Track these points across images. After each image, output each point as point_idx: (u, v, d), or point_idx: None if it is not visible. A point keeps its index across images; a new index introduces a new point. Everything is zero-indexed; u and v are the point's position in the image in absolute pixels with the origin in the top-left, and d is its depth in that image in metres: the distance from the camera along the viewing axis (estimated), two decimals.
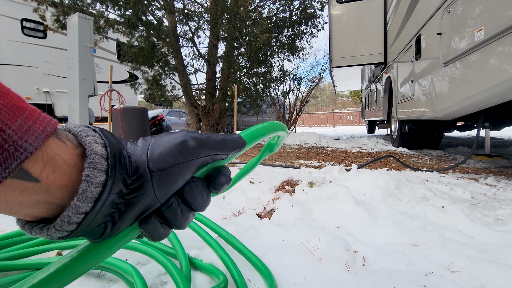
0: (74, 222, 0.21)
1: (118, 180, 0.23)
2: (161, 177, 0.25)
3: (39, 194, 0.20)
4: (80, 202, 0.21)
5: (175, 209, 0.27)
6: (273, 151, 0.54)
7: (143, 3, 5.53)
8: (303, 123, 21.90)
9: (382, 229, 0.97)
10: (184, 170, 0.26)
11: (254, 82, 7.08)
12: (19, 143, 0.18)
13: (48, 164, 0.20)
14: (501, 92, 1.64)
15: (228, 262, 0.72)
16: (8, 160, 0.17)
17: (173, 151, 0.26)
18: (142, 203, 0.25)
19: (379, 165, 2.55)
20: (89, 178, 0.21)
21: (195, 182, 0.28)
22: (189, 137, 0.27)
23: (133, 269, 0.66)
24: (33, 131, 0.19)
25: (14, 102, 0.18)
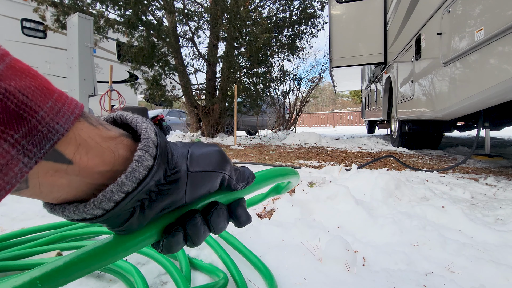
0: (114, 200, 0.22)
1: (161, 169, 0.25)
2: (195, 178, 0.28)
3: (71, 175, 0.21)
4: (127, 180, 0.22)
5: (200, 227, 0.29)
6: (280, 193, 0.54)
7: (143, 3, 5.53)
8: (303, 123, 21.90)
9: (382, 229, 0.97)
10: (213, 177, 0.29)
11: (254, 82, 7.07)
12: (51, 124, 0.18)
13: (81, 147, 0.21)
14: (501, 92, 1.64)
15: (228, 262, 0.72)
16: (42, 141, 0.18)
17: (211, 159, 0.29)
18: (172, 197, 0.27)
19: (379, 165, 2.55)
20: (140, 159, 0.23)
21: (222, 210, 0.31)
22: (222, 152, 0.31)
23: (133, 268, 0.66)
24: (63, 113, 0.19)
25: (44, 84, 0.19)
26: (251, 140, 6.75)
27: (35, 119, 0.18)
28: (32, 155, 0.18)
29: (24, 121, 0.17)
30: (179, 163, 0.27)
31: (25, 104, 0.17)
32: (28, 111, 0.17)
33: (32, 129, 0.17)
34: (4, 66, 0.17)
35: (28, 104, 0.17)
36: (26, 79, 0.18)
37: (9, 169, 0.17)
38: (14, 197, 1.49)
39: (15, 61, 0.18)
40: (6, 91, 0.16)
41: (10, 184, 0.17)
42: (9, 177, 0.17)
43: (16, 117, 0.17)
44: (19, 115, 0.17)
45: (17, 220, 1.15)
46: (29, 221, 1.16)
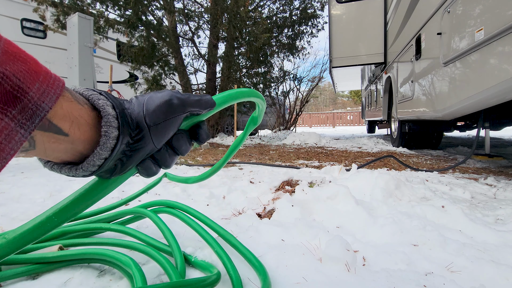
0: (97, 164, 0.29)
1: (126, 134, 0.30)
2: (157, 130, 0.33)
3: (67, 144, 0.27)
4: (102, 151, 0.29)
5: (164, 153, 0.36)
6: (257, 123, 0.58)
7: (143, 3, 5.53)
8: (303, 123, 21.90)
9: (382, 229, 0.97)
10: (173, 123, 0.34)
11: (254, 82, 7.07)
12: (38, 103, 0.22)
13: (74, 123, 0.27)
14: (501, 92, 1.64)
15: (223, 257, 0.72)
16: (33, 116, 0.22)
17: (163, 109, 0.33)
18: (144, 149, 0.33)
19: (379, 165, 2.55)
20: (107, 133, 0.29)
21: (181, 134, 0.36)
22: (174, 97, 0.34)
23: (132, 262, 0.67)
24: (47, 93, 0.23)
25: (33, 67, 0.23)
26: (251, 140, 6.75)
27: (26, 99, 0.22)
28: (27, 127, 0.22)
29: (18, 100, 0.21)
30: (140, 122, 0.32)
31: (18, 86, 0.21)
32: (21, 92, 0.21)
33: (24, 106, 0.22)
34: (0, 52, 0.20)
35: (20, 86, 0.21)
36: (18, 63, 0.21)
37: (12, 138, 0.21)
38: (14, 197, 1.50)
39: (7, 45, 0.21)
40: (4, 75, 0.20)
41: (13, 150, 0.22)
42: (12, 144, 0.22)
43: (12, 97, 0.21)
44: (14, 95, 0.21)
45: (17, 220, 1.15)
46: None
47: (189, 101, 0.36)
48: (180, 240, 0.91)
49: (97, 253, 0.74)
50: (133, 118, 0.32)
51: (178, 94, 0.35)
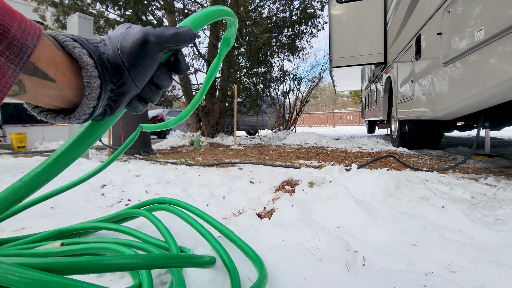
0: (87, 113, 0.30)
1: (108, 81, 0.31)
2: (136, 72, 0.33)
3: (56, 90, 0.28)
4: (88, 101, 0.30)
5: (148, 91, 0.37)
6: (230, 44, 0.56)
7: (143, 3, 5.53)
8: (303, 123, 21.90)
9: (382, 229, 0.97)
10: (152, 62, 0.34)
11: (254, 82, 7.07)
12: (22, 41, 0.22)
13: (58, 69, 0.27)
14: (501, 92, 1.64)
15: (220, 251, 0.74)
16: (20, 53, 0.22)
17: (140, 50, 0.32)
18: (128, 92, 0.34)
19: (379, 165, 2.55)
20: (89, 83, 0.29)
21: (160, 70, 0.36)
22: (149, 35, 0.33)
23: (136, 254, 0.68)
24: (28, 32, 0.23)
25: (7, 7, 0.22)
26: (251, 140, 6.75)
27: (10, 36, 0.21)
28: (16, 63, 0.22)
29: (2, 36, 0.21)
30: (118, 66, 0.32)
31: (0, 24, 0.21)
32: (3, 28, 0.21)
33: (10, 43, 0.22)
34: None
35: (1, 23, 0.21)
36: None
37: (4, 72, 0.21)
38: None
39: None
40: None
41: (8, 83, 0.22)
42: (6, 78, 0.21)
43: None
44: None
45: (17, 220, 1.15)
46: (29, 221, 1.16)
47: (165, 36, 0.34)
48: (180, 240, 0.91)
49: (100, 247, 0.75)
50: (112, 63, 0.31)
51: (152, 30, 0.34)
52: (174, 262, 0.51)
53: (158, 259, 0.48)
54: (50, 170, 0.32)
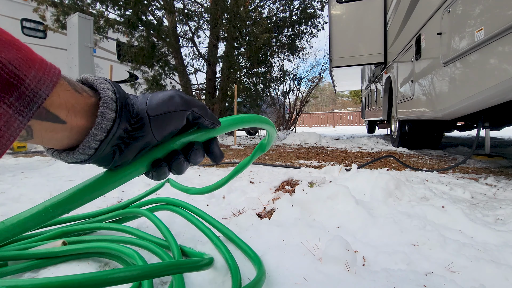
0: (93, 147, 0.29)
1: (124, 119, 0.30)
2: (157, 121, 0.33)
3: (65, 132, 0.27)
4: (97, 131, 0.28)
5: (182, 163, 0.37)
6: (264, 150, 0.57)
7: (143, 3, 5.53)
8: (303, 123, 21.90)
9: (382, 229, 0.97)
10: (174, 117, 0.34)
11: (254, 82, 7.07)
12: (35, 90, 0.23)
13: (70, 111, 0.27)
14: (501, 92, 1.64)
15: (222, 248, 0.75)
16: (30, 104, 0.22)
17: (166, 103, 0.34)
18: (142, 139, 0.33)
19: (379, 165, 2.55)
20: (103, 114, 0.29)
21: (199, 149, 0.38)
22: (177, 94, 0.35)
23: (135, 253, 0.70)
24: (44, 81, 0.23)
25: (28, 55, 0.23)
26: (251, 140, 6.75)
27: (23, 86, 0.22)
28: (25, 114, 0.22)
29: (15, 87, 0.21)
30: (140, 111, 0.32)
31: (14, 74, 0.21)
32: (17, 79, 0.21)
33: (21, 94, 0.22)
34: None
35: (16, 74, 0.21)
36: (12, 50, 0.21)
37: (10, 124, 0.21)
38: (14, 197, 1.49)
39: (1, 33, 0.21)
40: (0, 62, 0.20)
41: (12, 137, 0.22)
42: (11, 131, 0.22)
43: (9, 85, 0.21)
44: (11, 83, 0.21)
45: None
46: None
47: (193, 101, 0.36)
48: (180, 239, 0.91)
49: (101, 246, 0.75)
50: (134, 107, 0.32)
51: (182, 93, 0.36)
52: (172, 270, 0.52)
53: (156, 268, 0.49)
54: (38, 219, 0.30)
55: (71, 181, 1.90)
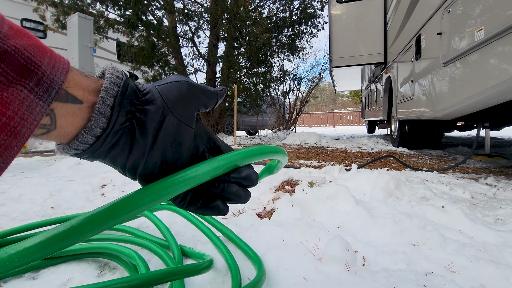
0: (103, 113, 0.27)
1: (131, 92, 0.30)
2: (165, 89, 0.32)
3: (82, 113, 0.27)
4: (104, 96, 0.27)
5: (232, 186, 0.35)
6: (272, 173, 0.55)
7: (143, 3, 5.53)
8: (303, 123, 21.90)
9: (382, 229, 0.97)
10: (180, 85, 0.34)
11: (254, 82, 7.07)
12: (51, 77, 0.23)
13: (85, 90, 0.27)
14: (501, 92, 1.63)
15: (221, 248, 0.75)
16: (49, 89, 0.23)
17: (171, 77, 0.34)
18: (154, 111, 0.30)
19: (379, 165, 2.55)
20: (109, 78, 0.29)
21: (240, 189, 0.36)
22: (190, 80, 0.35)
23: (135, 254, 0.70)
24: (57, 68, 0.24)
25: (39, 44, 0.23)
26: (251, 140, 6.75)
27: (40, 72, 0.22)
28: (45, 99, 0.22)
29: (32, 73, 0.21)
30: (147, 85, 0.32)
31: (30, 60, 0.21)
32: (34, 65, 0.22)
33: (39, 79, 0.22)
34: (7, 27, 0.21)
35: (32, 60, 0.22)
36: (25, 38, 0.22)
37: (32, 108, 0.22)
38: (14, 197, 1.49)
39: (12, 23, 0.22)
40: (16, 48, 0.20)
41: (36, 121, 0.22)
42: (34, 115, 0.22)
43: (27, 70, 0.21)
44: (28, 68, 0.21)
45: (17, 220, 1.15)
46: (29, 221, 1.16)
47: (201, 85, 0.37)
48: (180, 239, 0.91)
49: (101, 247, 0.75)
50: (144, 86, 0.32)
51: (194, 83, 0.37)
52: (172, 277, 0.52)
53: (155, 277, 0.49)
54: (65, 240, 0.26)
55: (71, 181, 1.90)
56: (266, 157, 0.41)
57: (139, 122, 0.30)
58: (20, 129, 0.21)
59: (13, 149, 0.21)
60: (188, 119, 0.34)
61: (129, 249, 0.73)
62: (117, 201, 0.28)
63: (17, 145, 0.21)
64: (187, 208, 0.35)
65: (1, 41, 0.20)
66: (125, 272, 0.73)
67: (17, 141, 0.21)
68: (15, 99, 0.20)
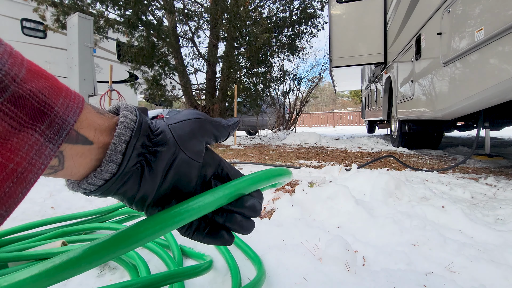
0: (114, 160, 0.27)
1: (143, 134, 0.29)
2: (178, 127, 0.32)
3: (92, 154, 0.27)
4: (116, 142, 0.27)
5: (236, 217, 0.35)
6: (275, 187, 0.55)
7: (143, 3, 5.53)
8: (303, 123, 21.90)
9: (382, 229, 0.97)
10: (194, 124, 0.34)
11: (254, 82, 7.07)
12: (64, 117, 0.23)
13: (97, 130, 0.27)
14: (501, 92, 1.64)
15: (221, 248, 0.76)
16: (60, 131, 0.23)
17: (185, 113, 0.34)
18: (166, 154, 0.31)
19: (379, 165, 2.55)
20: (122, 123, 0.28)
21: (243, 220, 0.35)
22: (202, 116, 0.35)
23: (135, 254, 0.71)
24: (71, 108, 0.24)
25: (55, 84, 0.23)
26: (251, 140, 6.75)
27: (53, 114, 0.22)
28: (55, 141, 0.22)
29: (45, 115, 0.21)
30: (160, 123, 0.32)
31: (44, 102, 0.21)
32: (47, 107, 0.22)
33: (51, 121, 0.22)
34: (25, 71, 0.21)
35: (46, 102, 0.22)
36: (41, 80, 0.22)
37: (41, 152, 0.21)
38: None
39: (30, 64, 0.22)
40: (31, 92, 0.20)
41: (43, 165, 0.22)
42: (42, 159, 0.21)
43: (40, 113, 0.21)
44: (41, 111, 0.21)
45: (17, 220, 1.15)
46: (29, 221, 1.16)
47: (214, 120, 0.36)
48: (180, 239, 0.91)
49: None
50: (156, 125, 0.32)
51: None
52: (171, 280, 0.52)
53: (155, 280, 0.49)
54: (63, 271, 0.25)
55: None
56: (271, 181, 0.39)
57: (148, 163, 0.30)
58: (27, 175, 0.20)
59: (17, 196, 0.20)
60: (198, 155, 0.34)
61: None
62: (111, 236, 0.27)
63: (22, 192, 0.20)
64: (193, 237, 0.35)
65: (17, 85, 0.20)
66: (125, 272, 0.73)
67: (22, 187, 0.20)
68: (25, 144, 0.20)
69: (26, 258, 0.75)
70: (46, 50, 7.18)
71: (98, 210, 1.02)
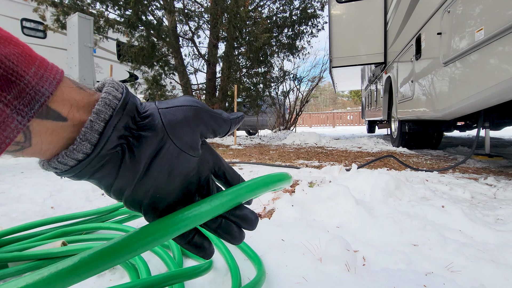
0: (90, 139, 0.24)
1: (127, 114, 0.26)
2: (169, 113, 0.29)
3: (65, 132, 0.24)
4: (94, 119, 0.24)
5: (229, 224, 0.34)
6: (275, 191, 0.55)
7: (143, 3, 5.53)
8: (303, 123, 21.90)
9: (382, 229, 0.97)
10: (189, 113, 0.30)
11: (254, 82, 7.07)
12: (37, 88, 0.21)
13: (73, 106, 0.24)
14: (501, 92, 1.64)
15: (221, 248, 0.76)
16: (31, 102, 0.20)
17: (179, 99, 0.31)
18: (152, 135, 0.28)
19: (379, 165, 2.55)
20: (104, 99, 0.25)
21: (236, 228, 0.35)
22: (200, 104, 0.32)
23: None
24: (46, 78, 0.22)
25: (26, 51, 0.21)
26: (251, 140, 6.75)
27: (22, 83, 0.20)
28: (24, 114, 0.20)
29: (13, 84, 0.19)
30: (149, 106, 0.29)
31: (12, 70, 0.19)
32: (15, 75, 0.20)
33: (21, 91, 0.20)
34: None
35: (14, 69, 0.20)
36: (10, 46, 0.20)
37: (7, 125, 0.19)
38: (14, 197, 1.50)
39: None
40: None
41: (8, 139, 0.20)
42: (7, 132, 0.19)
43: (6, 81, 0.19)
44: (8, 79, 0.19)
45: (17, 220, 1.15)
46: (29, 221, 1.16)
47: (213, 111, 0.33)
48: None
49: None
50: (144, 105, 0.29)
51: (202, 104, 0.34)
52: (171, 281, 0.52)
53: (154, 282, 0.49)
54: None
55: (71, 181, 1.90)
56: (271, 188, 0.38)
57: (131, 148, 0.27)
58: None
59: None
60: (191, 148, 0.30)
61: None
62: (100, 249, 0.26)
63: None
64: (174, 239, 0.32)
65: None
66: (125, 272, 0.73)
67: None
68: None
69: (26, 258, 0.74)
70: (46, 50, 7.17)
71: (98, 210, 1.02)
